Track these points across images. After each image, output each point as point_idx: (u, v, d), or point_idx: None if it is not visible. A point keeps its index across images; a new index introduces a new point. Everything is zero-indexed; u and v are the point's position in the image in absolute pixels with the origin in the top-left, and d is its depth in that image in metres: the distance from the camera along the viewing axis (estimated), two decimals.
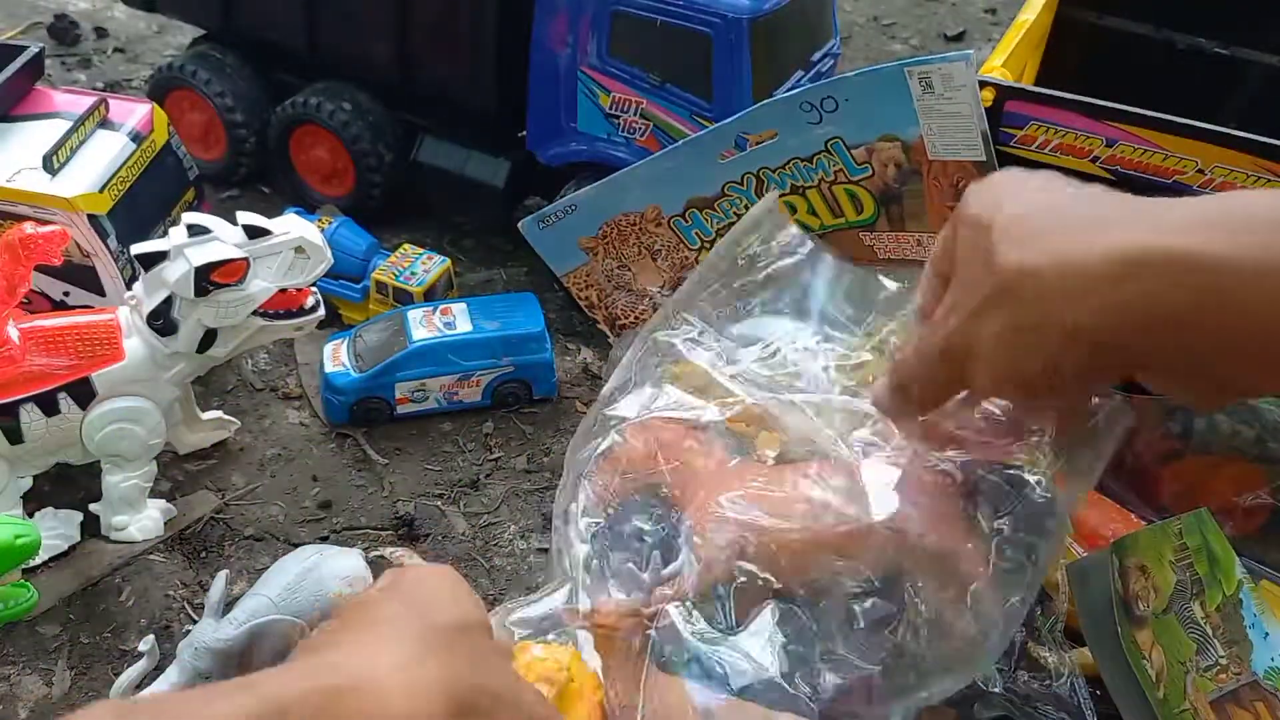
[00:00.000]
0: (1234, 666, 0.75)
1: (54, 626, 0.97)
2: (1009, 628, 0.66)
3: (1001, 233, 0.53)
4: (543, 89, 1.26)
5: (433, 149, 1.38)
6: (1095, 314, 0.50)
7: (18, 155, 1.10)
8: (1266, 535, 0.91)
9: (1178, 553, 0.78)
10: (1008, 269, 0.52)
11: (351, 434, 1.17)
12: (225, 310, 0.96)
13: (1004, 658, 0.75)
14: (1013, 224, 0.53)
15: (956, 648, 0.68)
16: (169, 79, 1.46)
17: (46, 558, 1.00)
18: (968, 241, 0.56)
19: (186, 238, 0.95)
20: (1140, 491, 0.97)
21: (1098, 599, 0.79)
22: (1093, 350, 0.52)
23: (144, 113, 1.19)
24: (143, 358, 0.98)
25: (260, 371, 1.24)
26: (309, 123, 1.39)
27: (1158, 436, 0.97)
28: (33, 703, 0.91)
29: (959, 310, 0.56)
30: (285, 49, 1.41)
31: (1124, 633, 0.78)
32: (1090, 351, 0.52)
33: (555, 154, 1.29)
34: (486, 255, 1.42)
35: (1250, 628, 0.77)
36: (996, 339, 0.54)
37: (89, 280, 1.11)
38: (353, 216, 1.34)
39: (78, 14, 1.85)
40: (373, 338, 1.19)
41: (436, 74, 1.33)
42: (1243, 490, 0.93)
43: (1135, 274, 0.49)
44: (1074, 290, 0.50)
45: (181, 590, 1.00)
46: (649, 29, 1.16)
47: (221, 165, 1.48)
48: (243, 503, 1.09)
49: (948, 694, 0.64)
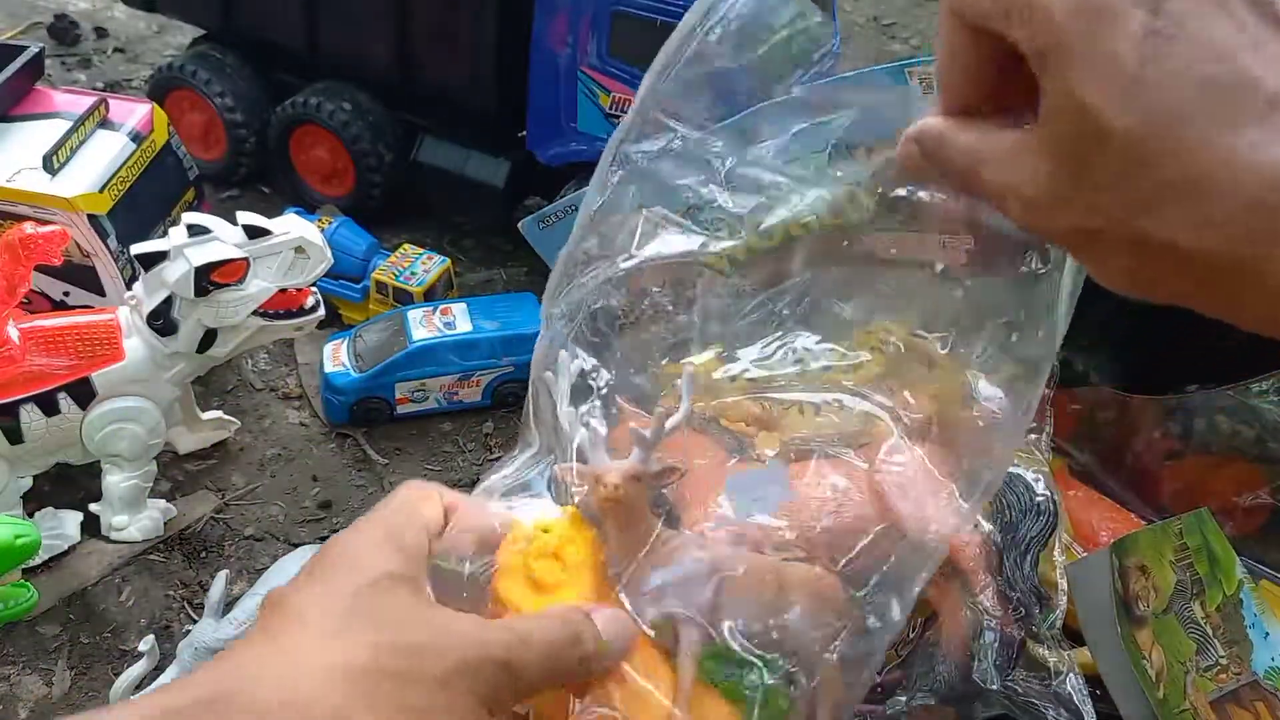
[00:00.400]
0: (1234, 666, 0.75)
1: (54, 626, 0.97)
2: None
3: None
4: (543, 89, 1.26)
5: (433, 149, 1.38)
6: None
7: (18, 155, 1.10)
8: (1266, 535, 0.91)
9: (1178, 553, 0.78)
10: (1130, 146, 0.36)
11: (351, 434, 1.17)
12: (225, 310, 0.96)
13: (1004, 656, 0.75)
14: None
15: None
16: (169, 79, 1.46)
17: (46, 558, 1.00)
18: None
19: (186, 238, 0.95)
20: (1140, 491, 0.97)
21: (1098, 599, 0.79)
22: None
23: (144, 113, 1.19)
24: (143, 358, 0.98)
25: (260, 371, 1.24)
26: (309, 123, 1.39)
27: (1158, 436, 0.97)
28: (33, 703, 0.91)
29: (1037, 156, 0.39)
30: (285, 49, 1.41)
31: (1124, 633, 0.78)
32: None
33: (555, 154, 1.29)
34: (486, 255, 1.42)
35: (1250, 628, 0.77)
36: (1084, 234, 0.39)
37: (89, 280, 1.11)
38: (353, 216, 1.34)
39: (78, 14, 1.85)
40: (373, 338, 1.19)
41: (436, 74, 1.33)
42: (1243, 490, 0.93)
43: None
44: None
45: (181, 590, 1.00)
46: (649, 29, 1.16)
47: (221, 165, 1.48)
48: (243, 503, 1.09)
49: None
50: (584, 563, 0.52)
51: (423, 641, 0.43)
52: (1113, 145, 0.36)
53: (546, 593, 0.51)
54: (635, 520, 0.53)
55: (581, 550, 0.52)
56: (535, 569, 0.51)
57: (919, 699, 0.73)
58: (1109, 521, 0.91)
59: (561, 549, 0.52)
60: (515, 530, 0.54)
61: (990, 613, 0.75)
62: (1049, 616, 0.79)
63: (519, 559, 0.52)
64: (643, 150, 0.67)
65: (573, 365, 0.61)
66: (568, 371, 0.60)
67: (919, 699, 0.73)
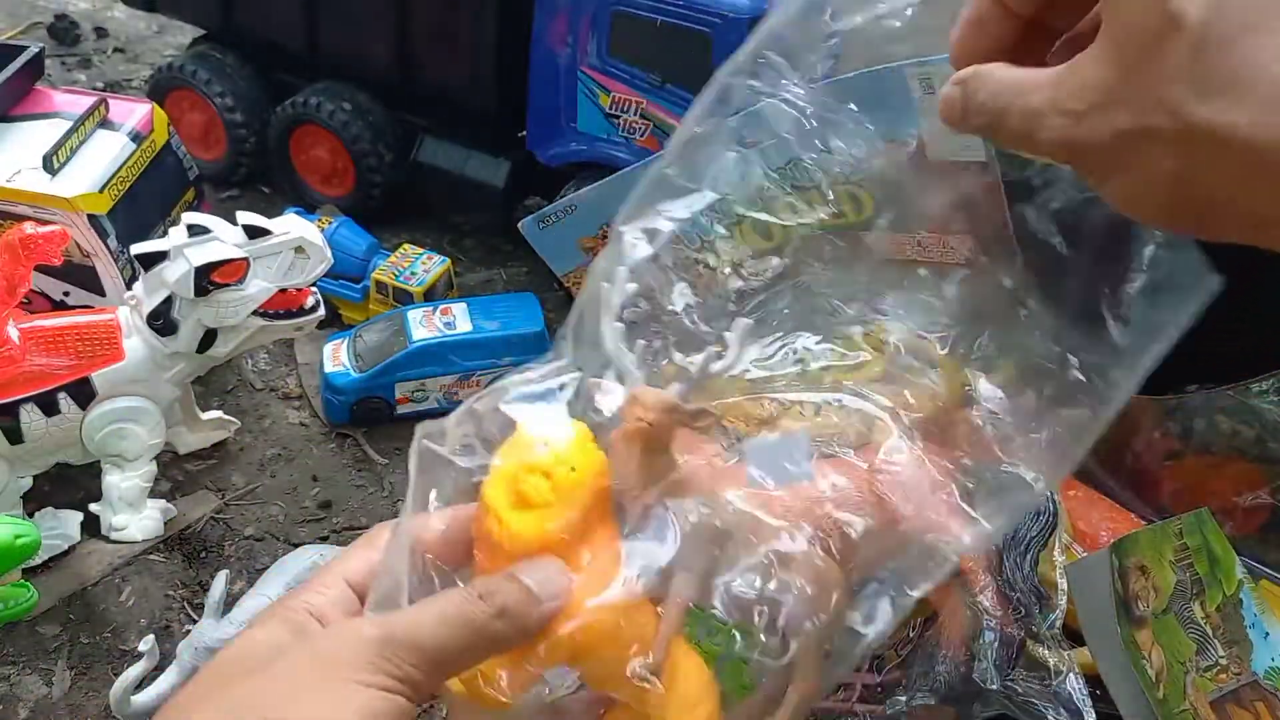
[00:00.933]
0: (1234, 666, 0.75)
1: (54, 626, 0.97)
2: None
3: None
4: (543, 89, 1.26)
5: (433, 149, 1.38)
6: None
7: (18, 155, 1.10)
8: (1266, 535, 0.91)
9: (1178, 553, 0.78)
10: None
11: (351, 434, 1.17)
12: (225, 310, 0.96)
13: (1003, 656, 0.75)
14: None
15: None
16: (169, 79, 1.46)
17: (46, 558, 1.00)
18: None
19: (186, 238, 0.95)
20: (1140, 491, 0.97)
21: (1098, 599, 0.79)
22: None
23: (144, 113, 1.19)
24: (143, 358, 0.98)
25: (260, 371, 1.24)
26: (309, 123, 1.39)
27: (1158, 436, 0.97)
28: (33, 703, 0.91)
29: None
30: (285, 49, 1.41)
31: (1124, 633, 0.78)
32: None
33: (555, 154, 1.29)
34: (486, 255, 1.42)
35: (1250, 628, 0.77)
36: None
37: (89, 280, 1.11)
38: (353, 216, 1.34)
39: (78, 14, 1.85)
40: (373, 338, 1.19)
41: (436, 74, 1.33)
42: (1243, 490, 0.93)
43: None
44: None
45: (181, 590, 1.00)
46: (649, 29, 1.16)
47: (221, 165, 1.48)
48: (243, 503, 1.09)
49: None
50: (578, 486, 0.49)
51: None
52: (1184, 32, 0.36)
53: (529, 509, 0.48)
54: (657, 452, 0.51)
55: (579, 473, 0.49)
56: (524, 483, 0.48)
57: (919, 699, 0.73)
58: (1109, 521, 0.91)
59: (554, 469, 0.49)
60: (518, 435, 0.51)
61: (990, 613, 0.75)
62: (1049, 616, 0.79)
63: (513, 467, 0.49)
64: (750, 85, 0.65)
65: (630, 285, 0.58)
66: (623, 288, 0.58)
67: (919, 699, 0.73)
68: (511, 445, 0.50)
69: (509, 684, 0.45)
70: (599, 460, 0.50)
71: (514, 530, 0.47)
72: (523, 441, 0.50)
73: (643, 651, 0.47)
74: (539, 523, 0.47)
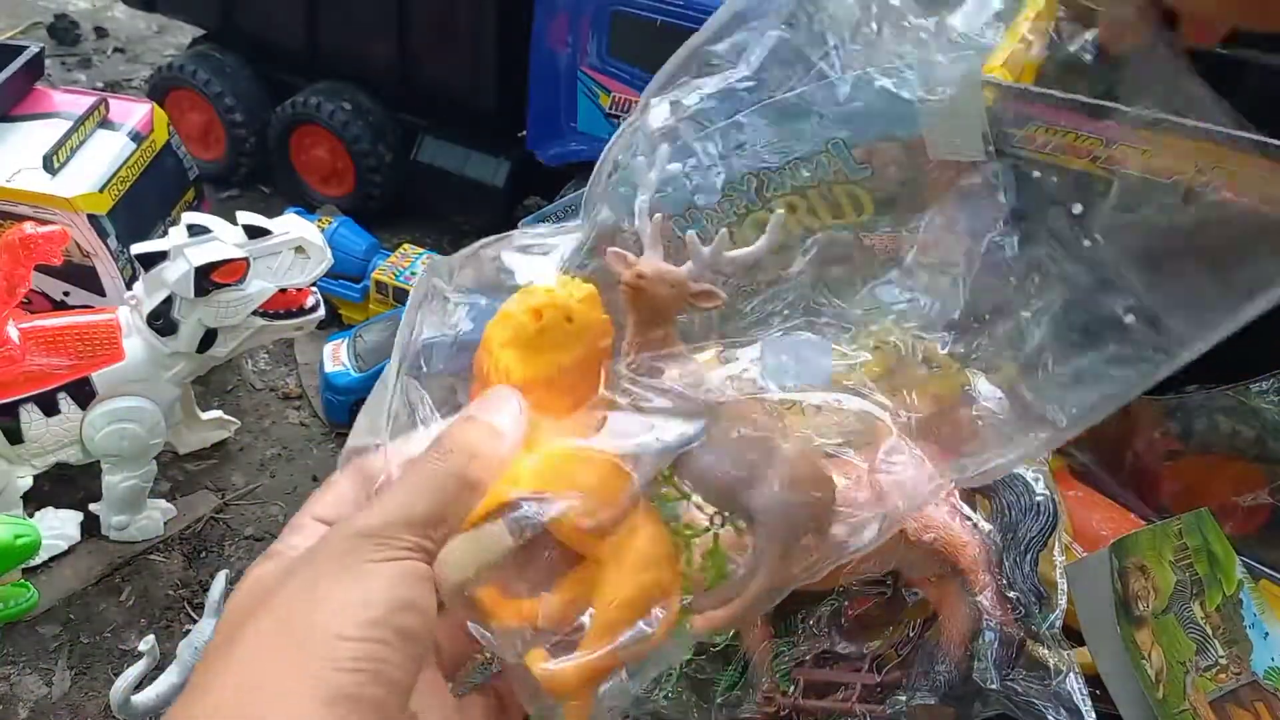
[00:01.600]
0: (1234, 666, 0.75)
1: (54, 626, 0.97)
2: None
3: None
4: (543, 89, 1.26)
5: (433, 149, 1.38)
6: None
7: (18, 155, 1.10)
8: (1266, 535, 0.91)
9: (1178, 553, 0.78)
10: None
11: None
12: (225, 310, 0.96)
13: (1003, 656, 0.75)
14: None
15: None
16: (169, 79, 1.46)
17: (46, 558, 1.00)
18: None
19: (186, 238, 0.95)
20: (1140, 491, 0.97)
21: (1098, 599, 0.79)
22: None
23: (144, 113, 1.19)
24: (143, 358, 0.98)
25: (260, 371, 1.24)
26: (309, 123, 1.39)
27: (1158, 436, 0.97)
28: (33, 703, 0.91)
29: None
30: (285, 49, 1.42)
31: (1124, 633, 0.78)
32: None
33: (555, 154, 1.29)
34: None
35: (1250, 628, 0.77)
36: None
37: (89, 280, 1.11)
38: (353, 216, 1.34)
39: (78, 14, 1.85)
40: (373, 338, 1.19)
41: (436, 74, 1.33)
42: (1243, 490, 0.93)
43: None
44: None
45: (181, 590, 1.00)
46: (649, 29, 1.16)
47: (221, 165, 1.48)
48: (243, 503, 1.09)
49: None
50: (571, 337, 0.50)
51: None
52: None
53: (520, 348, 0.49)
54: (654, 322, 0.51)
55: (576, 325, 0.50)
56: (519, 323, 0.49)
57: (919, 698, 0.73)
58: (1109, 521, 0.91)
59: (549, 313, 0.49)
60: (530, 282, 0.52)
61: (990, 613, 0.75)
62: (1049, 616, 0.79)
63: (515, 308, 0.50)
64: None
65: (671, 164, 0.58)
66: (662, 163, 0.57)
67: (919, 698, 0.73)
68: (523, 291, 0.51)
69: (484, 508, 0.46)
70: (599, 320, 0.51)
71: (501, 364, 0.48)
72: (531, 288, 0.51)
73: (602, 505, 0.47)
74: (525, 361, 0.48)
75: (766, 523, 0.49)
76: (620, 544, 0.48)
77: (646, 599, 0.47)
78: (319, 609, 0.40)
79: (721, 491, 0.49)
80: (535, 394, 0.49)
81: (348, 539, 0.42)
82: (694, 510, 0.50)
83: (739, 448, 0.50)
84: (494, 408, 0.47)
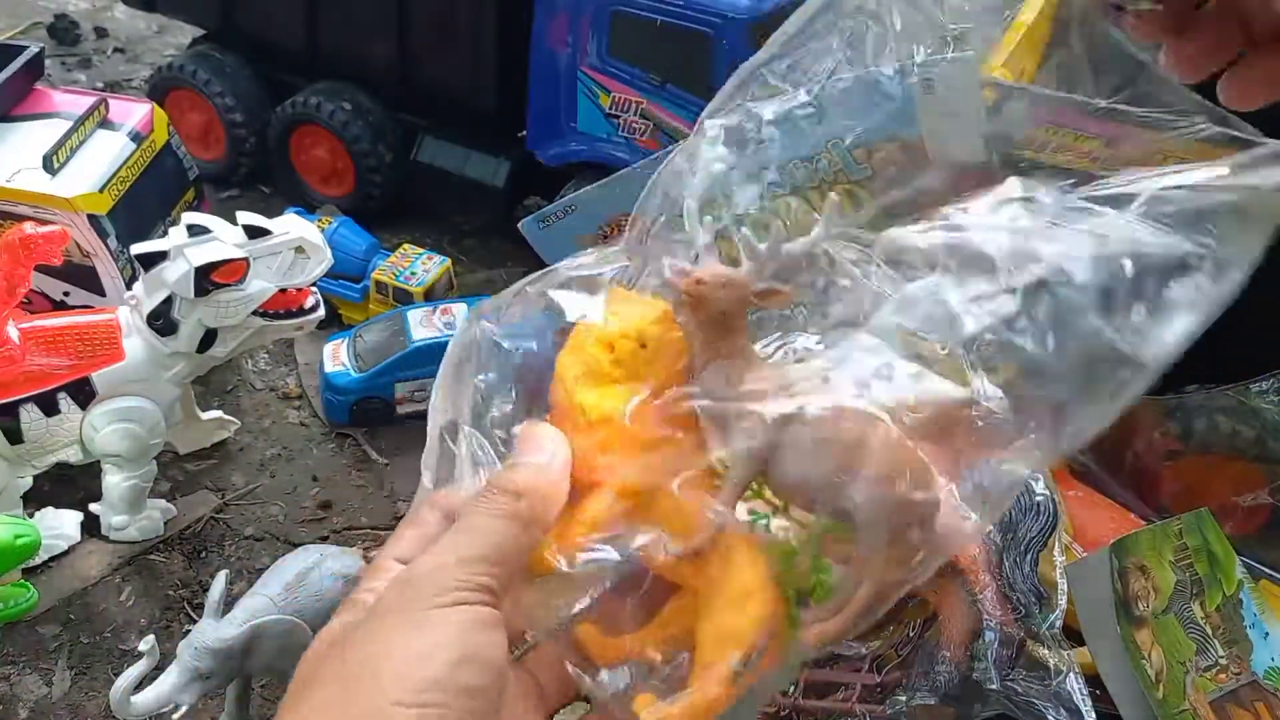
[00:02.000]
0: (1234, 666, 0.75)
1: (54, 626, 0.97)
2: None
3: None
4: (543, 89, 1.26)
5: (433, 149, 1.38)
6: None
7: (18, 155, 1.10)
8: (1266, 535, 0.91)
9: (1178, 553, 0.78)
10: None
11: (351, 434, 1.17)
12: (225, 310, 0.96)
13: (1003, 656, 0.75)
14: None
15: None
16: (169, 79, 1.46)
17: (46, 558, 1.00)
18: None
19: (186, 238, 0.95)
20: (1140, 491, 0.97)
21: (1098, 599, 0.79)
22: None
23: (144, 113, 1.19)
24: (143, 358, 0.98)
25: (260, 371, 1.24)
26: (309, 123, 1.39)
27: (1158, 436, 0.97)
28: (33, 703, 0.91)
29: None
30: (285, 49, 1.42)
31: (1124, 633, 0.78)
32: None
33: (555, 154, 1.29)
34: (486, 255, 1.42)
35: (1250, 628, 0.77)
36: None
37: (89, 280, 1.11)
38: (353, 216, 1.34)
39: (78, 14, 1.85)
40: (373, 338, 1.19)
41: (436, 74, 1.33)
42: (1243, 490, 0.93)
43: None
44: None
45: (181, 590, 1.00)
46: (649, 29, 1.16)
47: (221, 165, 1.48)
48: (243, 503, 1.09)
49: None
50: (647, 364, 0.48)
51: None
52: None
53: (594, 382, 0.48)
54: (722, 330, 0.49)
55: (650, 351, 0.49)
56: (590, 355, 0.48)
57: (919, 699, 0.73)
58: (1109, 521, 0.91)
59: (620, 344, 0.48)
60: (604, 305, 0.51)
61: (990, 613, 0.75)
62: (1049, 616, 0.79)
63: (584, 339, 0.49)
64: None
65: (717, 166, 0.56)
66: (708, 169, 0.56)
67: (919, 699, 0.73)
68: (588, 326, 0.50)
69: (559, 550, 0.45)
70: (674, 340, 0.49)
71: (577, 401, 0.47)
72: (601, 315, 0.50)
73: (691, 530, 0.46)
74: (601, 395, 0.47)
75: (868, 523, 0.46)
76: (717, 572, 0.46)
77: (750, 630, 0.45)
78: (380, 671, 0.39)
79: (815, 496, 0.47)
80: (617, 426, 0.47)
81: (407, 585, 0.42)
82: (790, 522, 0.48)
83: (828, 448, 0.47)
84: (534, 448, 0.47)
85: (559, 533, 0.46)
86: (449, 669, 0.39)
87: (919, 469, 0.48)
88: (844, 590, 0.47)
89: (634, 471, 0.47)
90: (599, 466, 0.47)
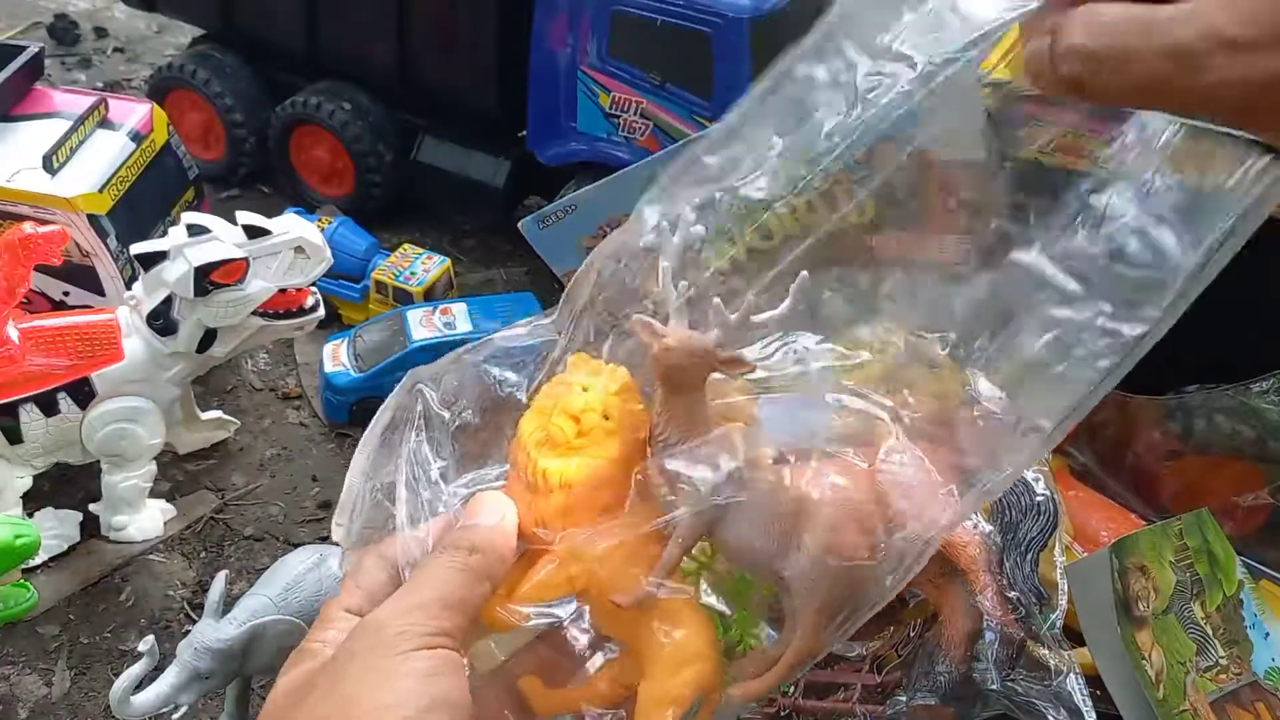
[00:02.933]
0: (1234, 667, 0.75)
1: (54, 626, 0.97)
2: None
3: None
4: (543, 89, 1.26)
5: (433, 149, 1.38)
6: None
7: (18, 155, 1.10)
8: (1266, 535, 0.91)
9: (1178, 553, 0.78)
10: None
11: (351, 434, 1.17)
12: (225, 310, 0.96)
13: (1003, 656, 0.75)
14: None
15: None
16: (169, 79, 1.46)
17: (46, 558, 1.00)
18: None
19: (186, 238, 0.95)
20: (1140, 491, 0.97)
21: (1098, 599, 0.79)
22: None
23: (144, 113, 1.19)
24: (143, 358, 0.98)
25: (260, 371, 1.24)
26: (309, 123, 1.39)
27: (1158, 436, 0.97)
28: (33, 703, 0.91)
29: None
30: (285, 49, 1.41)
31: (1124, 633, 0.78)
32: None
33: (555, 154, 1.29)
34: (486, 255, 1.42)
35: (1250, 628, 0.77)
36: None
37: (89, 280, 1.11)
38: (353, 216, 1.34)
39: (78, 14, 1.84)
40: (373, 338, 1.19)
41: (436, 74, 1.33)
42: (1243, 490, 0.93)
43: None
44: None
45: (181, 590, 1.00)
46: (649, 29, 1.16)
47: (221, 165, 1.48)
48: (243, 503, 1.09)
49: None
50: (609, 435, 0.50)
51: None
52: None
53: (556, 450, 0.49)
54: (684, 392, 0.50)
55: (613, 423, 0.50)
56: (554, 424, 0.50)
57: (919, 699, 0.73)
58: (1109, 521, 0.91)
59: (584, 416, 0.50)
60: (562, 375, 0.52)
61: (991, 613, 0.75)
62: (1049, 616, 0.79)
63: (548, 405, 0.50)
64: (806, 73, 0.63)
65: (694, 229, 0.58)
66: (686, 227, 0.57)
67: (919, 699, 0.73)
68: (555, 383, 0.52)
69: (508, 608, 0.48)
70: (636, 412, 0.51)
71: (538, 469, 0.49)
72: (564, 382, 0.51)
73: (626, 588, 0.48)
74: (563, 464, 0.49)
75: (800, 591, 0.49)
76: (657, 633, 0.48)
77: (688, 693, 0.48)
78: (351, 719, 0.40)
79: (754, 561, 0.49)
80: (577, 494, 0.49)
81: (371, 633, 0.43)
82: (717, 575, 0.50)
83: (770, 515, 0.49)
84: (486, 511, 0.49)
85: (509, 590, 0.49)
86: (419, 714, 0.41)
87: (858, 545, 0.50)
88: (772, 649, 0.50)
89: (587, 537, 0.49)
90: (555, 529, 0.49)
